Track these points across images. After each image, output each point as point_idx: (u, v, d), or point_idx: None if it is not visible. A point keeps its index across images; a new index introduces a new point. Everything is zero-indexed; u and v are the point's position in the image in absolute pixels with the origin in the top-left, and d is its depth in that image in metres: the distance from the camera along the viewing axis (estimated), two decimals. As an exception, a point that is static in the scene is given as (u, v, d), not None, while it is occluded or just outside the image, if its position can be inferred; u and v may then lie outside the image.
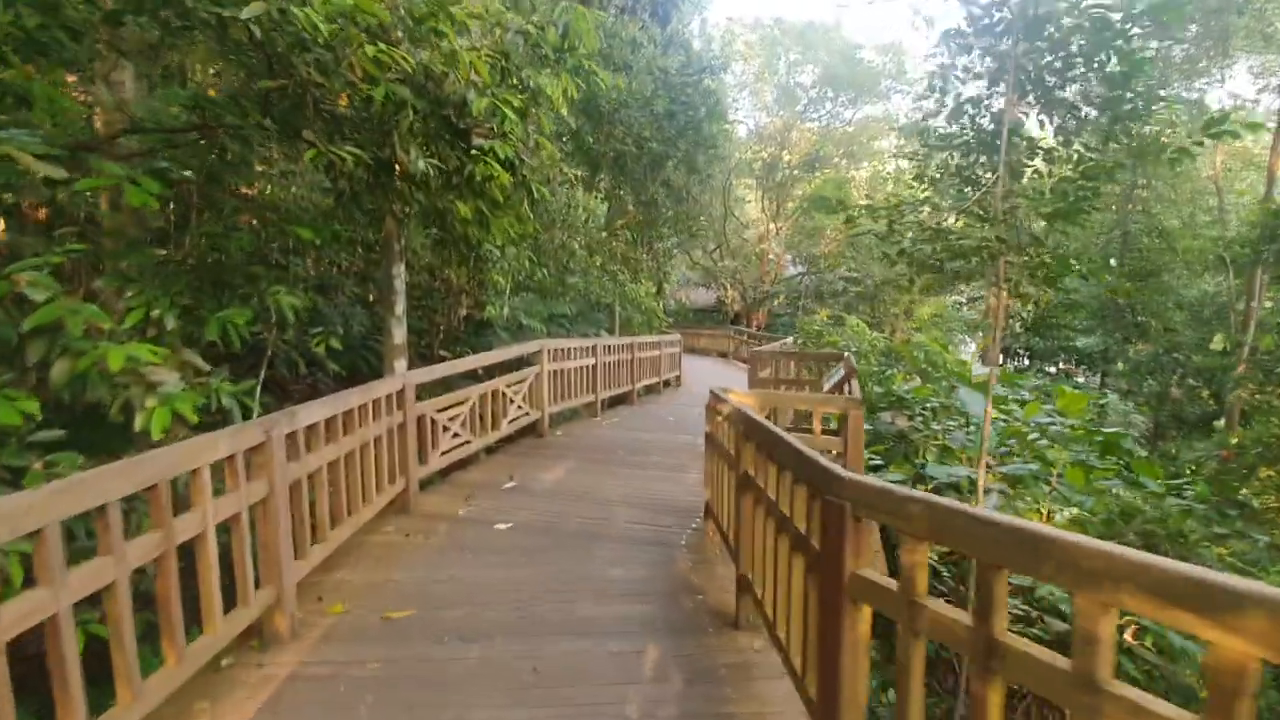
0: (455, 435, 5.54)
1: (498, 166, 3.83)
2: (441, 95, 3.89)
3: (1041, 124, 4.80)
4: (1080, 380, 24.51)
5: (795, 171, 29.55)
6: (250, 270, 3.81)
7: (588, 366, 8.61)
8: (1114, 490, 6.38)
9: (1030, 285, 4.79)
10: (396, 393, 4.58)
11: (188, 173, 3.67)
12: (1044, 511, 5.32)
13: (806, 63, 32.68)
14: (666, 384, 12.38)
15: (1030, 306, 24.81)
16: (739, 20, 36.70)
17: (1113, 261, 22.26)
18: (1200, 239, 21.84)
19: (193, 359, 3.33)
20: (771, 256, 29.30)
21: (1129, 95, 4.26)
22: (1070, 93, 4.53)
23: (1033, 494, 5.64)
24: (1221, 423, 17.03)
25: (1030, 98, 4.68)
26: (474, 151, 3.84)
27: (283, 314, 3.71)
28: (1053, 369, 24.72)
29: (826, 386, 4.90)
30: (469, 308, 7.98)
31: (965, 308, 25.16)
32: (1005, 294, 4.90)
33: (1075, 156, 4.65)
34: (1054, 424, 7.70)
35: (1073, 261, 4.83)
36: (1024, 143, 4.86)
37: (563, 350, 7.83)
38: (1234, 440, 11.69)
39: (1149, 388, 21.49)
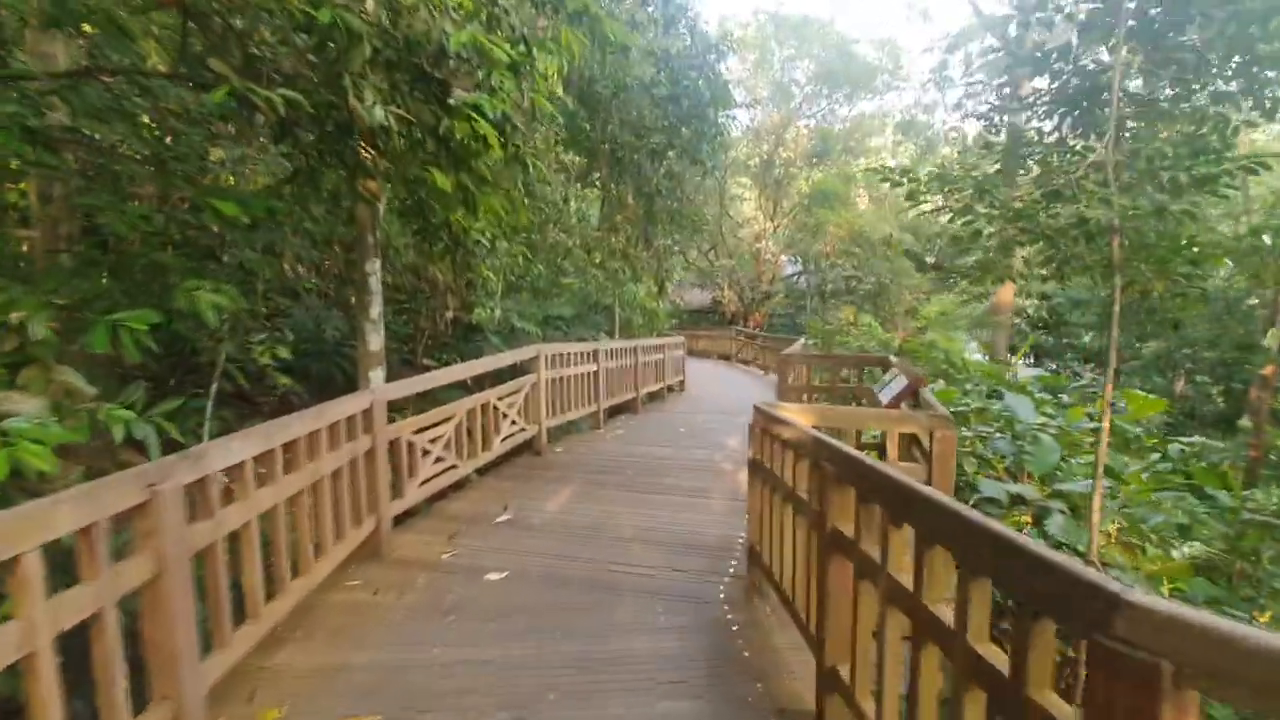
0: (438, 460, 4.66)
1: (486, 125, 2.96)
2: (411, 36, 3.02)
3: (1147, 79, 3.97)
4: (1086, 379, 23.85)
5: (793, 168, 28.81)
6: (154, 260, 2.91)
7: (589, 373, 7.73)
8: (1181, 507, 5.58)
9: (1148, 271, 3.95)
10: (362, 412, 3.69)
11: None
12: (1144, 547, 4.49)
13: (801, 58, 32.01)
14: (670, 389, 11.52)
15: (1040, 304, 24.16)
16: (732, 18, 35.98)
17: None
18: (1215, 231, 21.27)
19: (69, 379, 2.43)
20: (768, 256, 28.52)
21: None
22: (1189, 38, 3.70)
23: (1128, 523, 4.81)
24: (1246, 421, 16.33)
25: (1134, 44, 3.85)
26: (453, 104, 2.96)
27: (202, 316, 2.81)
28: (1053, 367, 24.06)
29: (885, 398, 4.08)
30: (456, 310, 7.09)
31: (967, 305, 24.52)
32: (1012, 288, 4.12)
33: (1199, 114, 3.82)
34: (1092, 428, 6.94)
35: (1186, 242, 4.00)
36: (1126, 100, 4.03)
37: (561, 356, 6.96)
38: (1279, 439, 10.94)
39: (1159, 386, 20.85)
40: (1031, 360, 24.52)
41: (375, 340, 5.63)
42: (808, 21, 32.18)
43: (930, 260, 28.52)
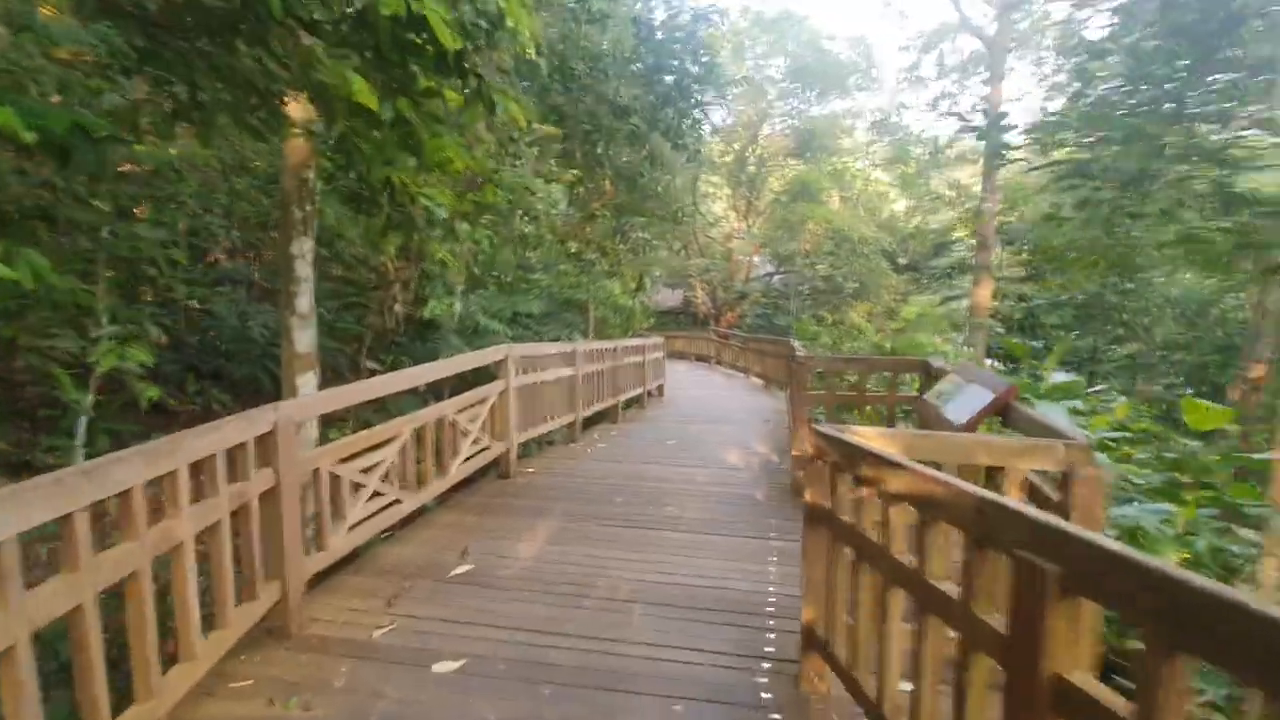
0: (375, 495, 3.57)
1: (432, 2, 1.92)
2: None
3: None
4: (1097, 386, 23.64)
5: (767, 166, 28.18)
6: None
7: (565, 378, 6.70)
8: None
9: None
10: (258, 439, 2.61)
11: None
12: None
13: (775, 54, 31.46)
14: (650, 394, 10.54)
15: (1015, 305, 23.92)
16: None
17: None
18: (1188, 230, 21.26)
19: None
20: (740, 256, 27.79)
21: None
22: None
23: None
24: (1235, 427, 16.11)
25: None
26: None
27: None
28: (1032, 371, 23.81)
29: (958, 416, 3.17)
30: (408, 304, 5.97)
31: (943, 305, 24.16)
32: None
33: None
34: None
35: None
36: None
37: (533, 358, 5.91)
38: None
39: (1138, 390, 20.71)
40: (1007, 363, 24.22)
41: (304, 340, 4.50)
42: (786, 16, 31.66)
43: (902, 261, 28.24)
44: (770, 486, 5.27)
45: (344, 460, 3.28)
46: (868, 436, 2.29)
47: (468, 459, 4.68)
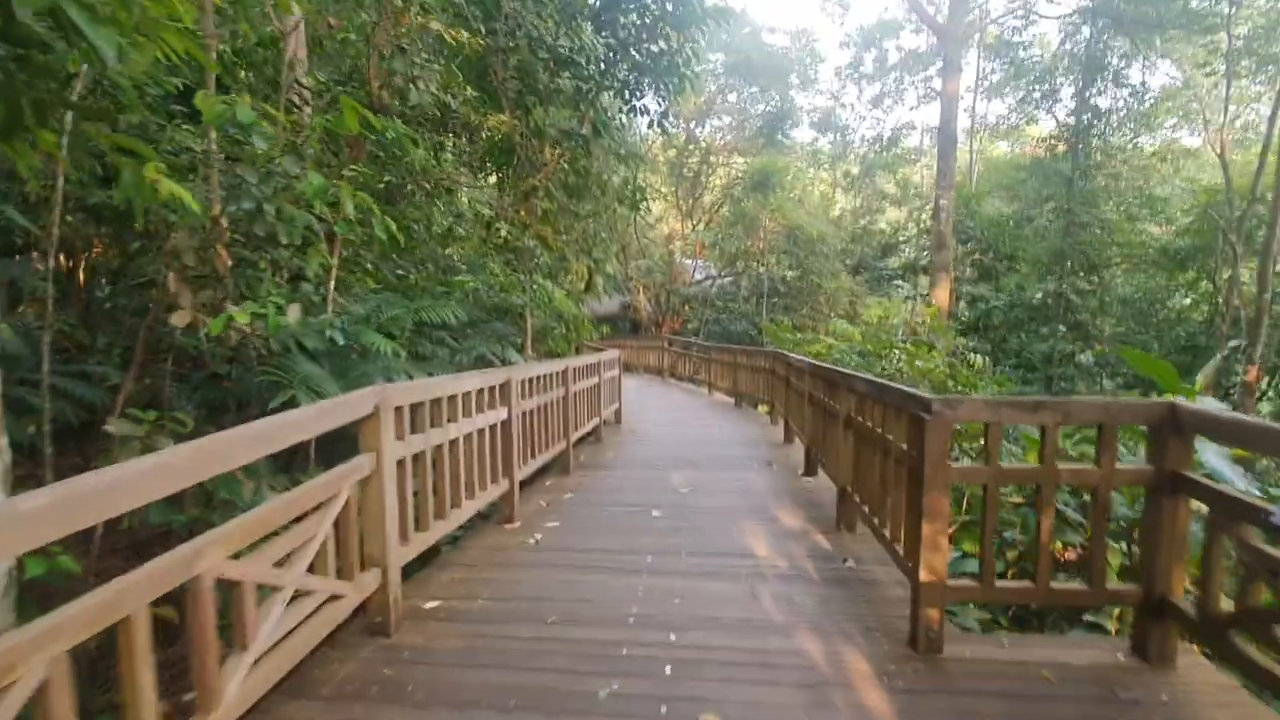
0: None
1: None
2: None
3: None
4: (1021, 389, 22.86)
5: (710, 163, 26.38)
6: None
7: (493, 425, 4.23)
8: None
9: None
10: None
11: None
12: None
13: (713, 48, 29.80)
14: (606, 423, 8.18)
15: (969, 306, 22.92)
16: None
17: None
18: (1143, 232, 20.81)
19: None
20: (684, 259, 25.85)
21: None
22: None
23: None
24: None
25: None
26: None
27: None
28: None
29: None
30: (195, 308, 3.32)
31: (905, 306, 22.93)
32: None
33: None
34: None
35: None
36: None
37: (431, 403, 3.40)
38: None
39: (1098, 393, 19.93)
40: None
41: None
42: (720, 10, 29.99)
43: (849, 263, 26.97)
44: (843, 617, 3.01)
45: None
46: None
47: (274, 647, 2.17)
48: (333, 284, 4.72)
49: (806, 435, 5.79)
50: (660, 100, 8.13)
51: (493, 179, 8.74)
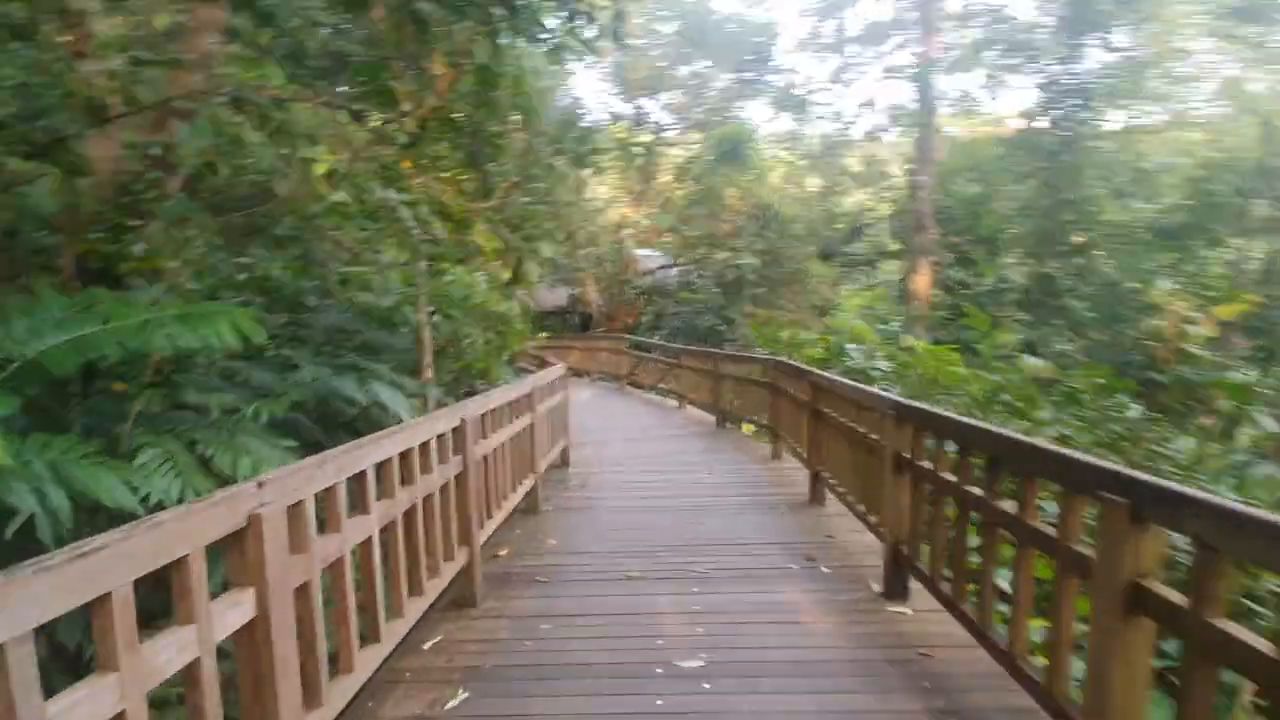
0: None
1: None
2: None
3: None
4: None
5: (664, 138, 23.94)
6: None
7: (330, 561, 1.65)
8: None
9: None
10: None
11: None
12: None
13: (663, 18, 27.32)
14: (552, 465, 5.67)
15: (949, 292, 21.19)
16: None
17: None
18: (1133, 210, 19.39)
19: None
20: (639, 251, 23.34)
21: None
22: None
23: None
24: (1211, 421, 13.72)
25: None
26: None
27: None
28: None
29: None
30: None
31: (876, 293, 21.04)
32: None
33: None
34: None
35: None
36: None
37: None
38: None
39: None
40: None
41: None
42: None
43: (812, 250, 24.95)
44: None
45: None
46: None
47: None
48: None
49: (887, 520, 3.39)
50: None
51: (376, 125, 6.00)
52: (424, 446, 2.70)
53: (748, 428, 8.78)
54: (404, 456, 2.51)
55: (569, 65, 15.48)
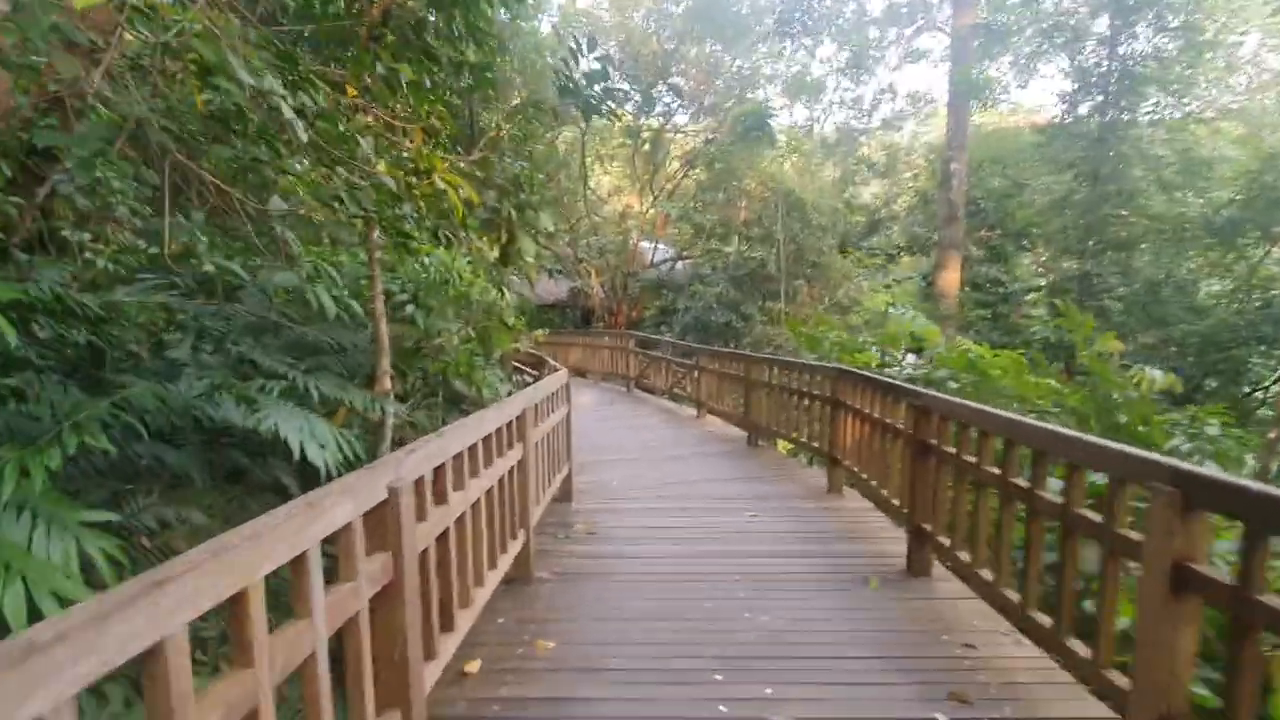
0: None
1: None
2: None
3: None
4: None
5: (673, 124, 22.44)
6: None
7: None
8: None
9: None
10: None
11: None
12: None
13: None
14: (557, 500, 4.26)
15: (982, 290, 19.74)
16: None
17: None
18: (1184, 203, 17.93)
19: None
20: (640, 239, 21.89)
21: None
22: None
23: None
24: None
25: None
26: None
27: None
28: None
29: None
30: None
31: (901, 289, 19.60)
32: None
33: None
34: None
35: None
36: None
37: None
38: None
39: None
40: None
41: None
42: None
43: (832, 243, 23.49)
44: None
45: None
46: None
47: None
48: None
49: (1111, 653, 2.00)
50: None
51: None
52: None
53: (784, 445, 7.38)
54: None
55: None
